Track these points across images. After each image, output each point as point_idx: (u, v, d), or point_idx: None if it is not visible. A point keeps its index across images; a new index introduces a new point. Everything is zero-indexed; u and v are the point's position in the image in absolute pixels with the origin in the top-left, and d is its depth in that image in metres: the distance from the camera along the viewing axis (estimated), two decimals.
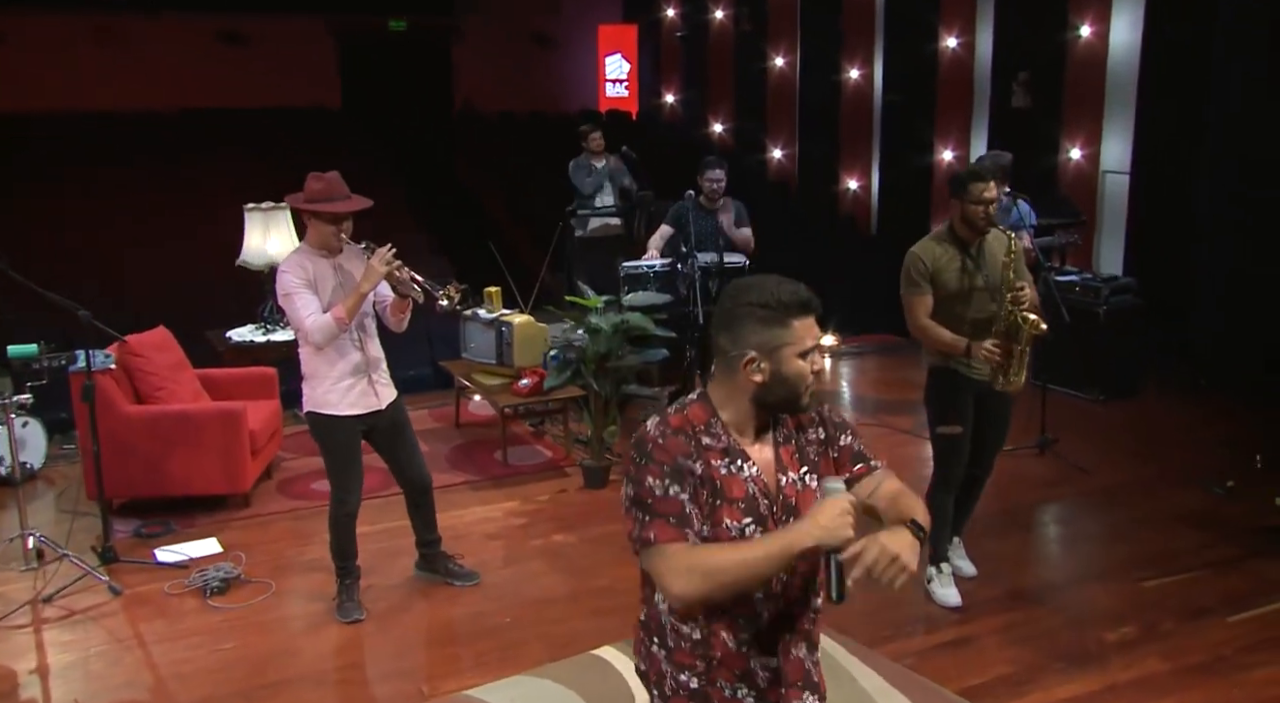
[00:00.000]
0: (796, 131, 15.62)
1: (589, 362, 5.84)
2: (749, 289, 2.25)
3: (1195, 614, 4.63)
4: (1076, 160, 10.93)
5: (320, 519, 5.55)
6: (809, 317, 2.23)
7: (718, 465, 2.23)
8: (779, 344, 2.21)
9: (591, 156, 9.14)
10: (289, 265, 4.43)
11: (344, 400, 4.51)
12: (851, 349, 9.39)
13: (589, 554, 5.29)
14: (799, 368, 2.23)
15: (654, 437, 2.22)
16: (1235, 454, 6.51)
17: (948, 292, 4.45)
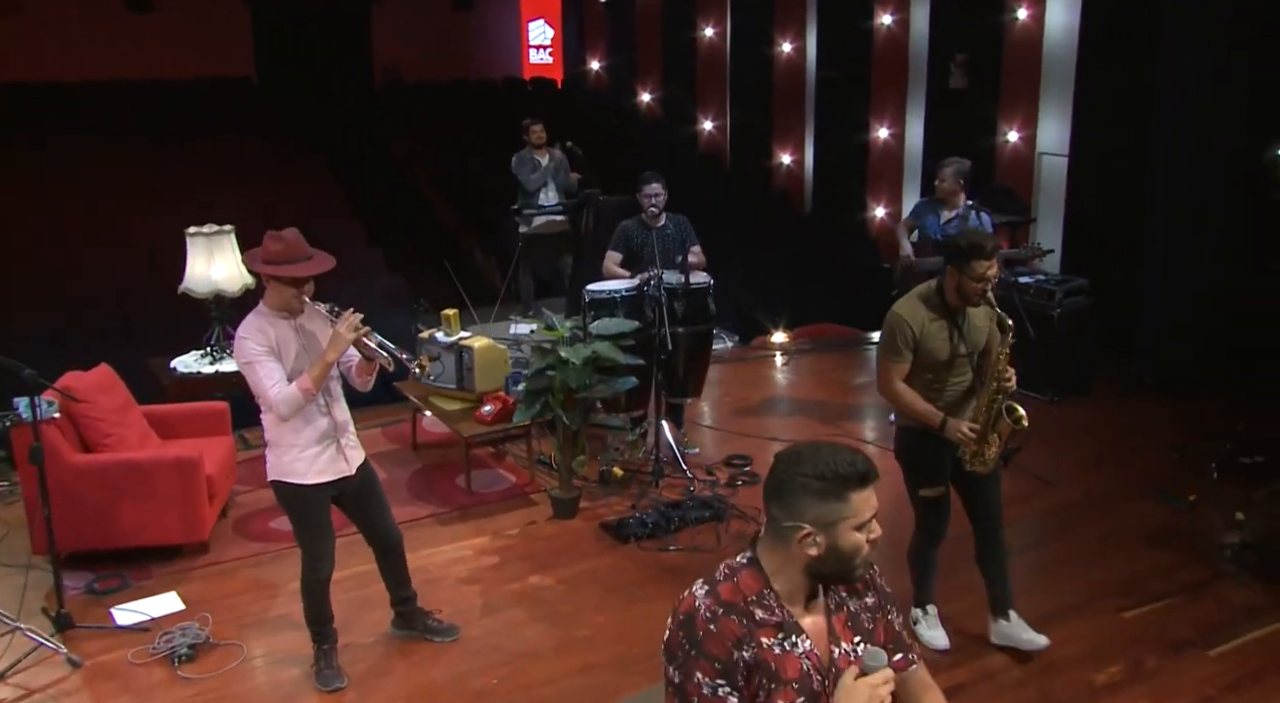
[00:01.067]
0: (727, 103, 15.45)
1: (557, 393, 5.69)
2: (803, 459, 2.19)
3: (1176, 649, 4.70)
4: (1014, 142, 10.98)
5: (285, 565, 5.42)
6: (866, 488, 2.16)
7: (770, 645, 2.18)
8: (836, 519, 2.15)
9: (534, 150, 8.89)
10: (248, 331, 4.17)
11: (312, 468, 4.30)
12: (802, 346, 9.32)
13: (568, 598, 5.18)
14: (855, 541, 2.17)
15: (705, 620, 2.15)
16: (1188, 461, 6.63)
17: (933, 360, 4.30)
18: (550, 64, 18.23)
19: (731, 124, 15.32)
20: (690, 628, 2.16)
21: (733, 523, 5.89)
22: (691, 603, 2.20)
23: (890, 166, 12.67)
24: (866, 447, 7.01)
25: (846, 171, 13.10)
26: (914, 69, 12.12)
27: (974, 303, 4.26)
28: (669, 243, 6.57)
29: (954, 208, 7.00)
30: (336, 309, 4.22)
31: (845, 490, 2.15)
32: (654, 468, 6.32)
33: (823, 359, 9.13)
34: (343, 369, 4.41)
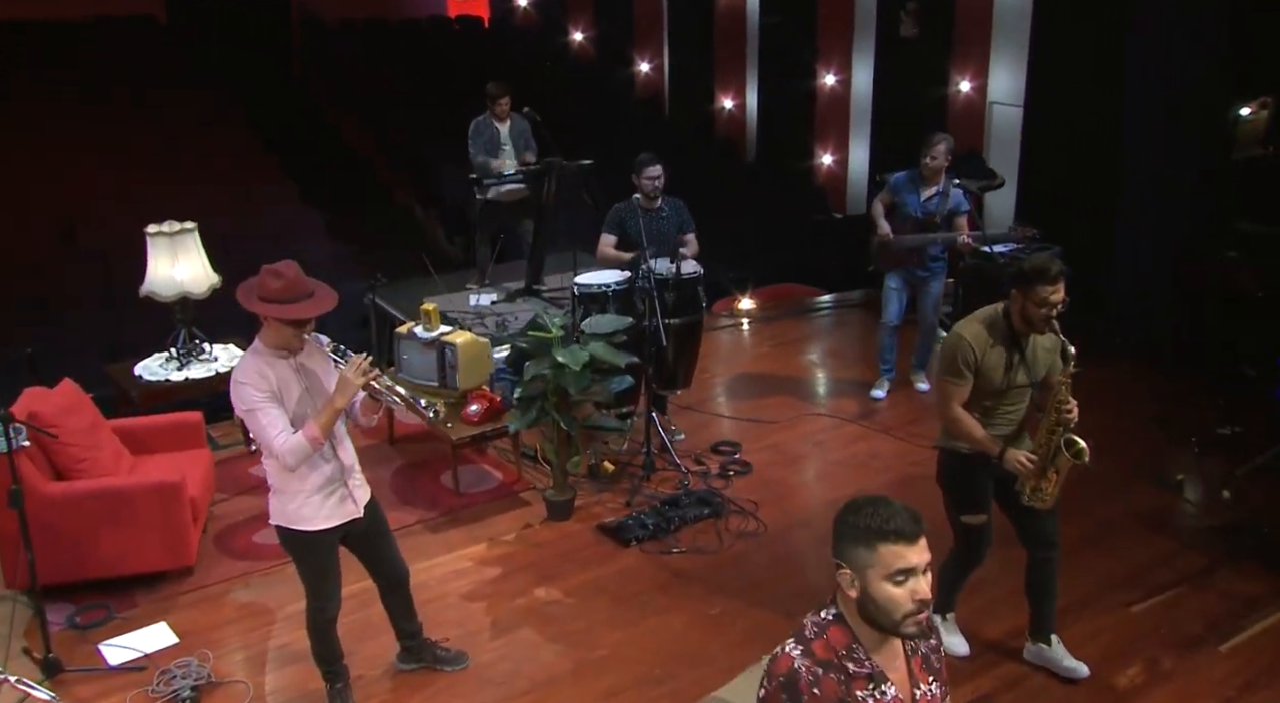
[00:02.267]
0: (665, 43, 15.10)
1: (551, 395, 5.50)
2: (855, 508, 2.32)
3: (1189, 645, 4.76)
4: (966, 92, 10.90)
5: (276, 586, 5.22)
6: (898, 544, 2.24)
7: (864, 697, 2.29)
8: (864, 565, 2.26)
9: (495, 120, 8.54)
10: (246, 374, 3.85)
11: (319, 513, 4.07)
12: (766, 315, 9.20)
13: (579, 613, 5.06)
14: (886, 592, 2.25)
15: (808, 683, 2.25)
16: (1170, 436, 6.72)
17: (991, 387, 4.16)
18: (476, 1, 17.57)
19: (670, 66, 14.99)
20: (794, 692, 2.26)
21: (732, 519, 5.80)
22: (789, 663, 2.29)
23: (837, 114, 12.53)
24: (850, 425, 6.97)
25: (792, 118, 12.93)
26: (861, 16, 11.94)
27: (1040, 331, 4.10)
28: (664, 226, 6.36)
29: (935, 184, 6.89)
30: (342, 349, 3.97)
31: (874, 540, 2.25)
32: (645, 461, 6.19)
33: (792, 326, 9.04)
34: (347, 408, 4.16)
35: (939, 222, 6.87)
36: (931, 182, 6.88)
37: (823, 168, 12.73)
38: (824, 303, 9.47)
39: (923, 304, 7.20)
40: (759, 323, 9.02)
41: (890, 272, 7.11)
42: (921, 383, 7.47)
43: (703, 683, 4.47)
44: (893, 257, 7.02)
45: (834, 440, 6.76)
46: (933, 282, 7.11)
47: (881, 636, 2.33)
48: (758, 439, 6.76)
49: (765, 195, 12.37)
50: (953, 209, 6.83)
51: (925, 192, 6.90)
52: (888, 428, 6.91)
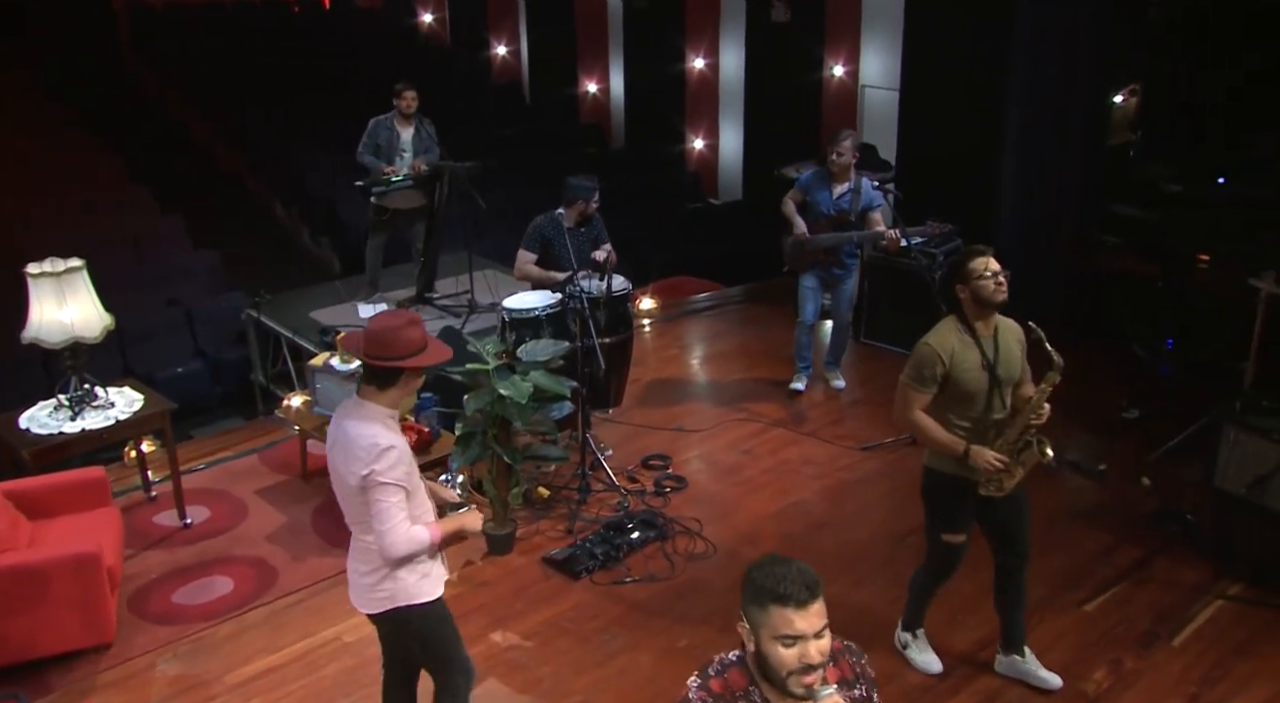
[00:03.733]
0: (522, 26, 14.73)
1: (490, 426, 5.24)
2: (760, 565, 2.36)
3: (1144, 643, 4.90)
4: (839, 76, 10.96)
5: (207, 653, 4.86)
6: (787, 608, 2.26)
7: None
8: (757, 623, 2.32)
9: (399, 120, 8.10)
10: (398, 455, 3.38)
11: (436, 572, 3.68)
12: (668, 315, 9.06)
13: (542, 658, 4.84)
14: (777, 653, 2.29)
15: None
16: (1078, 422, 6.90)
17: (966, 391, 4.12)
18: None
19: (528, 49, 14.63)
20: None
21: (679, 541, 5.67)
22: (685, 695, 2.41)
23: (707, 98, 12.45)
24: (776, 430, 6.92)
25: (661, 102, 12.78)
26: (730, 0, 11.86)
27: (996, 302, 4.07)
28: (582, 242, 6.14)
29: (845, 181, 6.86)
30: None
31: (766, 601, 2.29)
32: (581, 484, 5.99)
33: (695, 325, 8.95)
34: None
35: (853, 219, 6.85)
36: (841, 178, 6.85)
37: (694, 152, 12.64)
38: (721, 298, 9.39)
39: (837, 302, 7.19)
40: (661, 323, 8.88)
41: (805, 271, 7.06)
42: (837, 381, 7.47)
43: None
44: (808, 256, 6.98)
45: (762, 448, 6.69)
46: (847, 279, 7.10)
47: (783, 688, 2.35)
48: (685, 450, 6.64)
49: (636, 182, 12.21)
50: (866, 205, 6.82)
51: (837, 189, 6.86)
52: (813, 431, 6.89)
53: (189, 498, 5.97)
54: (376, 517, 3.39)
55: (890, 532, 5.74)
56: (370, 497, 3.38)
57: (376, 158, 8.15)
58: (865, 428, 6.89)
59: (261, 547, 5.67)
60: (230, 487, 6.26)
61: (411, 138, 8.17)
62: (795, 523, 5.91)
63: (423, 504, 3.56)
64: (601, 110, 13.59)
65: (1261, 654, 4.82)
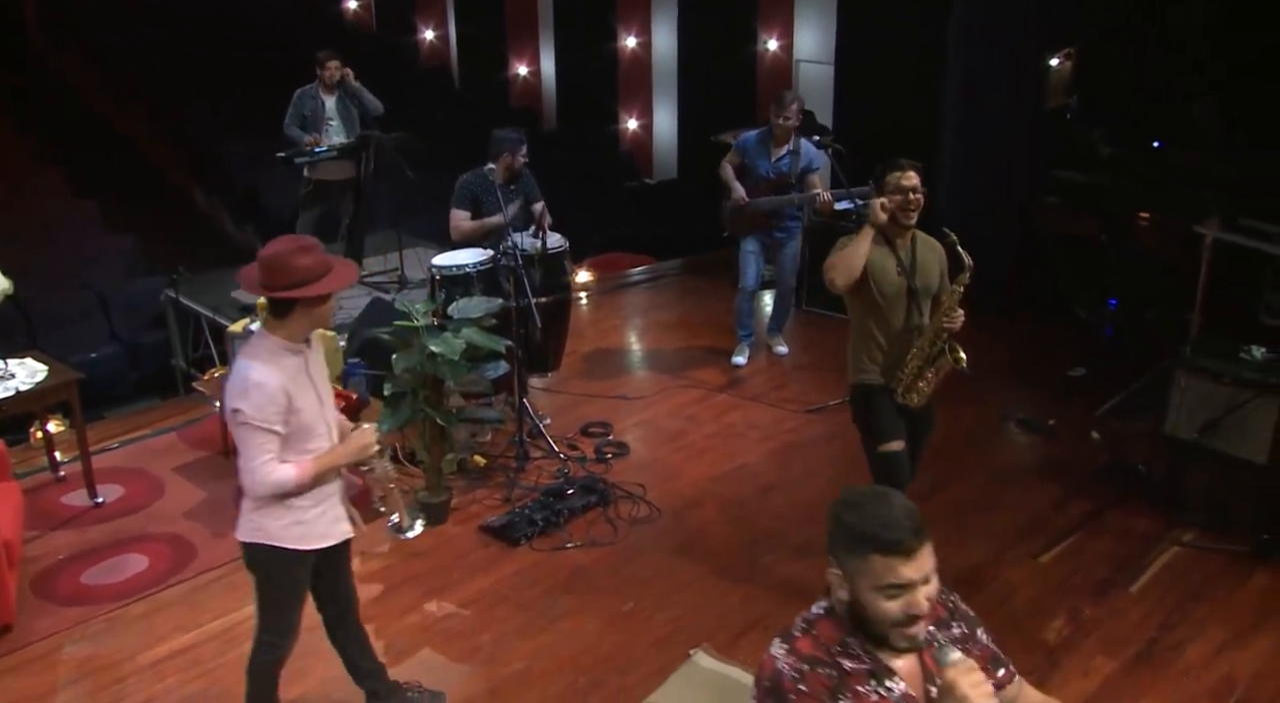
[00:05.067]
0: (450, 9, 14.43)
1: (421, 388, 4.98)
2: (851, 505, 2.09)
3: (1102, 591, 4.79)
4: (774, 50, 10.83)
5: (125, 633, 4.54)
6: (893, 556, 2.01)
7: (865, 692, 2.04)
8: (854, 573, 2.06)
9: (323, 91, 7.80)
10: (268, 389, 3.19)
11: (313, 532, 3.49)
12: (604, 287, 8.83)
13: (480, 625, 4.59)
14: (877, 604, 2.04)
15: (791, 681, 2.01)
16: (1026, 381, 6.82)
17: (883, 294, 4.27)
18: None
19: (456, 32, 14.34)
20: (780, 696, 2.01)
21: (621, 506, 5.45)
22: (772, 665, 2.06)
23: (640, 77, 12.25)
24: (719, 395, 6.73)
25: (593, 83, 12.56)
26: None
27: (906, 221, 4.24)
28: (514, 199, 5.90)
29: (786, 143, 6.70)
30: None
31: (866, 549, 2.03)
32: (519, 452, 5.75)
33: (633, 297, 8.73)
34: None
35: (793, 182, 6.69)
36: (782, 141, 6.69)
37: (628, 132, 12.44)
38: (659, 271, 9.19)
39: (780, 266, 7.02)
40: (598, 296, 8.65)
41: (746, 235, 6.88)
42: (780, 347, 7.30)
43: (632, 690, 4.15)
44: (748, 220, 6.80)
45: (705, 413, 6.50)
46: (789, 243, 6.94)
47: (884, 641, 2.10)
48: (627, 418, 6.42)
49: (570, 163, 11.96)
50: (805, 167, 6.66)
51: (776, 152, 6.69)
52: (757, 396, 6.71)
53: (102, 477, 5.63)
54: (240, 453, 3.30)
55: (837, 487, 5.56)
56: (235, 433, 3.28)
57: (303, 130, 7.87)
58: (810, 391, 6.73)
59: (179, 524, 5.35)
60: (147, 465, 5.92)
61: (336, 106, 7.88)
62: (742, 487, 5.71)
63: (316, 442, 3.38)
64: (533, 93, 13.35)
65: (1216, 597, 4.74)
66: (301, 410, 3.29)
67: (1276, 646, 4.42)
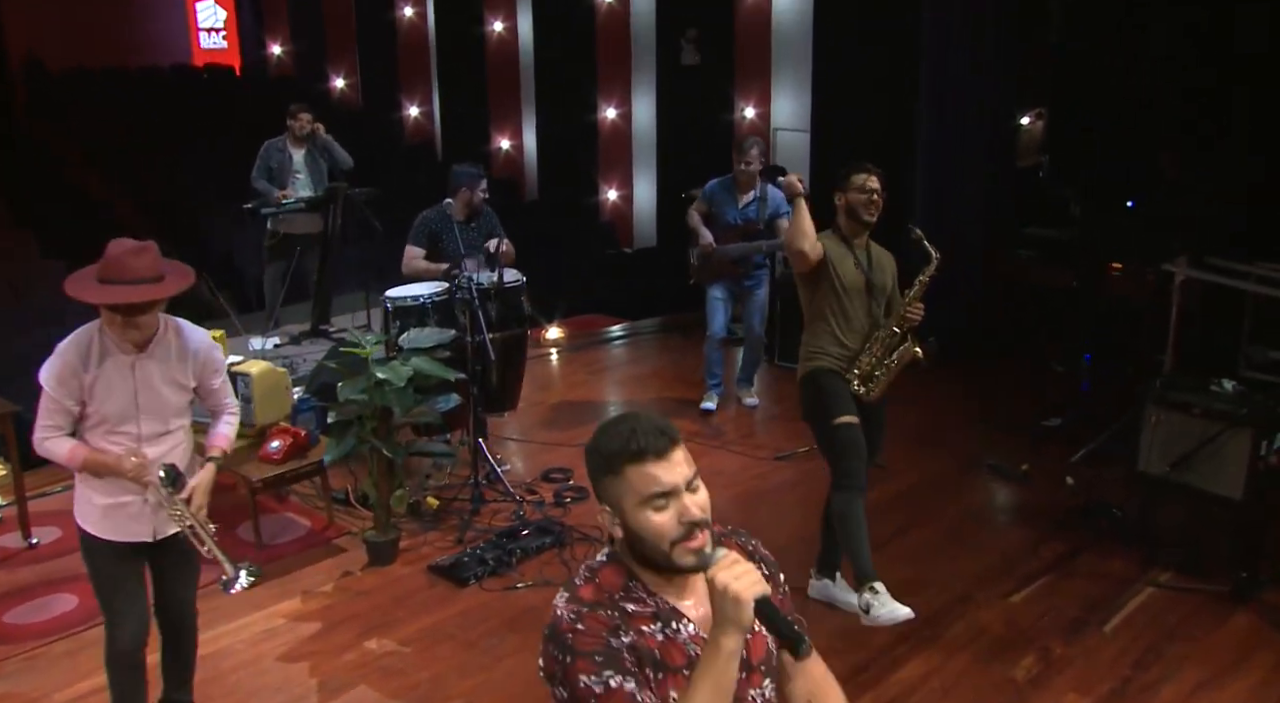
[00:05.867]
0: (434, 87, 14.58)
1: (369, 420, 4.82)
2: (602, 431, 1.99)
3: (1074, 630, 4.57)
4: (750, 118, 10.88)
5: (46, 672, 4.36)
6: (645, 463, 1.90)
7: (650, 632, 1.94)
8: (618, 496, 1.94)
9: (292, 144, 7.79)
10: (66, 352, 3.31)
11: (103, 522, 3.50)
12: (576, 344, 8.72)
13: (421, 663, 4.36)
14: (648, 521, 1.91)
15: (569, 623, 1.91)
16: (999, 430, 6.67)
17: (843, 284, 4.38)
18: (225, 49, 16.55)
19: (441, 110, 14.47)
20: (559, 639, 1.90)
21: (577, 548, 5.24)
22: (555, 612, 1.96)
23: (620, 148, 12.31)
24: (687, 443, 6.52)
25: (574, 154, 12.62)
26: (640, 46, 11.80)
27: (864, 219, 4.37)
28: (474, 237, 5.82)
29: (752, 189, 6.66)
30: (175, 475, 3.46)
31: (619, 465, 1.92)
32: (474, 494, 5.56)
33: (604, 353, 8.62)
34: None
35: (761, 228, 6.63)
36: (747, 187, 6.65)
37: (608, 203, 12.46)
38: (635, 329, 9.10)
39: (748, 315, 6.92)
40: (569, 351, 8.53)
41: (713, 283, 6.79)
42: (749, 399, 7.16)
43: None
44: (715, 267, 6.72)
45: None
46: (757, 290, 6.85)
47: (669, 574, 1.98)
48: None
49: (550, 233, 11.94)
50: (773, 213, 6.61)
51: (743, 198, 6.65)
52: (724, 443, 6.56)
53: (40, 520, 5.45)
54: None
55: (806, 535, 5.31)
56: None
57: (270, 183, 7.83)
58: (780, 439, 6.57)
59: None
60: None
61: (304, 159, 7.85)
62: None
63: (118, 437, 3.40)
64: (514, 165, 13.42)
65: (1193, 638, 4.52)
66: (103, 401, 3.33)
67: (1255, 687, 4.20)
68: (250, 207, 7.62)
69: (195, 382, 3.51)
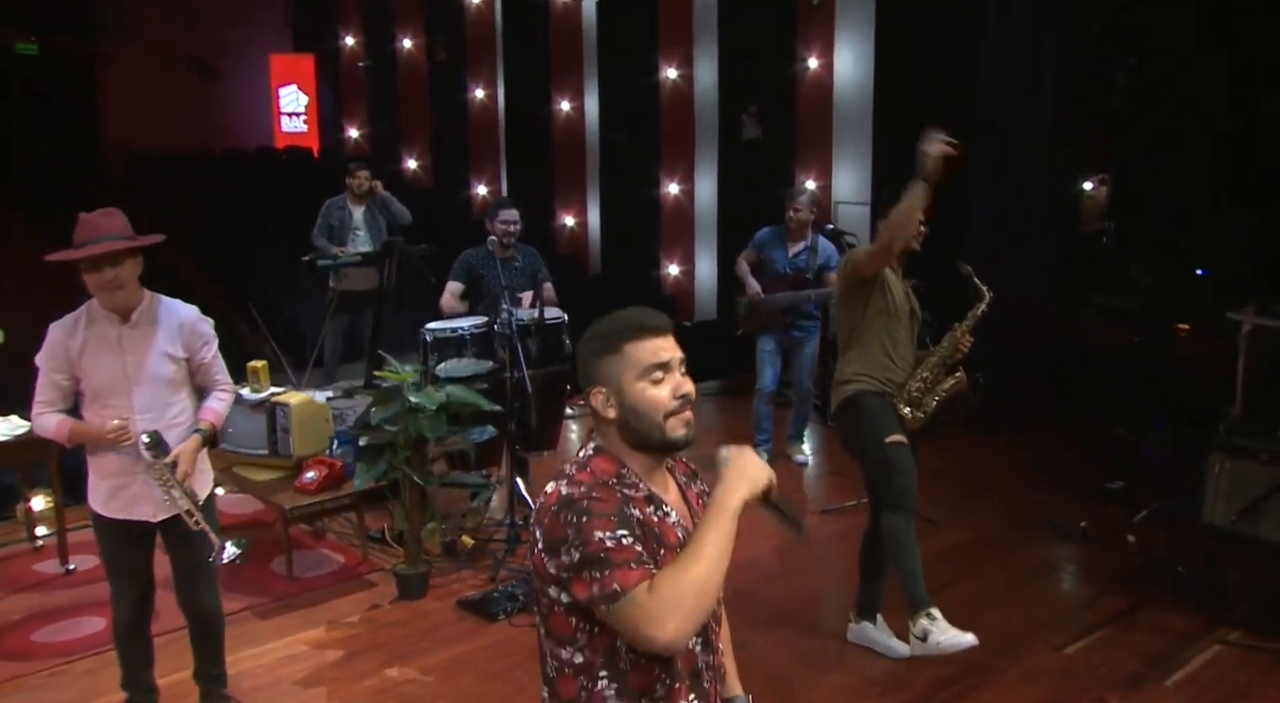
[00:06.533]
0: (503, 167, 14.86)
1: (402, 449, 4.77)
2: (595, 326, 2.13)
3: (1133, 683, 4.28)
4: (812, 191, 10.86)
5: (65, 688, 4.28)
6: (643, 339, 2.06)
7: (650, 512, 2.04)
8: (616, 372, 2.06)
9: (351, 201, 7.96)
10: (55, 330, 3.53)
11: (106, 501, 3.64)
12: None
13: (440, 691, 4.22)
14: (645, 394, 2.04)
15: (583, 494, 1.97)
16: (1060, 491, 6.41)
17: (895, 307, 4.30)
18: (305, 132, 17.10)
19: (508, 188, 14.73)
20: (573, 505, 1.95)
21: None
22: (559, 492, 2.00)
23: (682, 222, 12.37)
24: None
25: (637, 230, 12.71)
26: (703, 123, 11.92)
27: (913, 244, 4.36)
28: (516, 276, 5.82)
29: (802, 239, 6.60)
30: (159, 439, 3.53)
31: (620, 343, 2.06)
32: (510, 533, 5.45)
33: None
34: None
35: (810, 278, 6.55)
36: (798, 236, 6.60)
37: (670, 278, 12.48)
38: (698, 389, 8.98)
39: (798, 368, 6.79)
40: None
41: (762, 334, 6.69)
42: (799, 456, 6.99)
43: None
44: (763, 317, 6.63)
45: None
46: (807, 342, 6.73)
47: (651, 463, 2.10)
48: None
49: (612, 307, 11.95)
50: (823, 264, 6.53)
51: (793, 247, 6.59)
52: None
53: (81, 549, 5.43)
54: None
55: (845, 581, 5.15)
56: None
57: (330, 240, 7.97)
58: (828, 494, 6.40)
59: None
60: None
61: (364, 216, 8.00)
62: (744, 576, 5.29)
63: (111, 410, 3.50)
64: (579, 241, 13.54)
65: (1265, 697, 4.21)
66: (93, 374, 3.48)
67: None
68: (308, 259, 7.73)
69: (185, 354, 3.62)
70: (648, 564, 1.91)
